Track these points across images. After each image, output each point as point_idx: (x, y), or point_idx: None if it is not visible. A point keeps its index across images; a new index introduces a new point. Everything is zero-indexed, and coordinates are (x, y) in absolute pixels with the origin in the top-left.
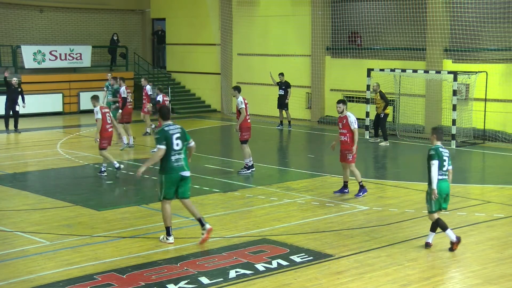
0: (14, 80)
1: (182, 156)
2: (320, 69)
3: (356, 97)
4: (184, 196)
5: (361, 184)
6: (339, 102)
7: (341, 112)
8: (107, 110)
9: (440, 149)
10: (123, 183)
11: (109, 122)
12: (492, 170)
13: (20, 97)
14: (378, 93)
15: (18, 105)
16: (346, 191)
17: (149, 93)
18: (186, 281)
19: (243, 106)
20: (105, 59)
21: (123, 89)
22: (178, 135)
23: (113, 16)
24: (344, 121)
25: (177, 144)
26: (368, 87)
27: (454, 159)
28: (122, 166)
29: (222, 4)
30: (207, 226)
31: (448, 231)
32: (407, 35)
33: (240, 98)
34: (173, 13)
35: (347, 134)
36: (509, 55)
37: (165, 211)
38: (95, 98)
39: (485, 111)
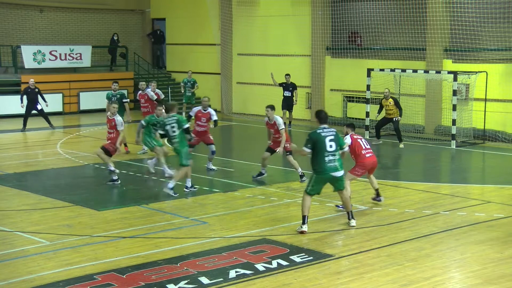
0: (31, 81)
1: (337, 157)
2: (320, 69)
3: (356, 97)
4: (339, 189)
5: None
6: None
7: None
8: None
9: None
10: (123, 183)
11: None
12: (492, 170)
13: (39, 96)
14: (390, 99)
15: (40, 104)
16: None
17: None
18: (186, 281)
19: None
20: (105, 59)
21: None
22: (332, 137)
23: (113, 16)
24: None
25: (331, 146)
26: (368, 87)
27: (454, 159)
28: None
29: (222, 4)
30: (352, 222)
31: None
32: (407, 35)
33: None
34: (173, 13)
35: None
36: (509, 55)
37: (305, 201)
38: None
39: (485, 111)
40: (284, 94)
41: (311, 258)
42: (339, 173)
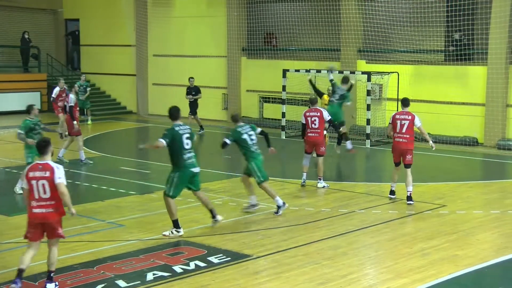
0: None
1: (193, 154)
2: (236, 70)
3: (272, 98)
4: (196, 189)
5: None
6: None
7: None
8: None
9: None
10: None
11: None
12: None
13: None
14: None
15: None
16: None
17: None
18: (103, 285)
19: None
20: (15, 59)
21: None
22: (188, 135)
23: (22, 15)
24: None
25: (187, 144)
26: (284, 87)
27: (369, 158)
28: None
29: (137, 5)
30: (218, 217)
31: None
32: (322, 36)
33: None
34: (87, 13)
35: None
36: (417, 57)
37: (171, 206)
38: None
39: (397, 110)
40: (188, 98)
41: (229, 258)
42: (197, 169)
